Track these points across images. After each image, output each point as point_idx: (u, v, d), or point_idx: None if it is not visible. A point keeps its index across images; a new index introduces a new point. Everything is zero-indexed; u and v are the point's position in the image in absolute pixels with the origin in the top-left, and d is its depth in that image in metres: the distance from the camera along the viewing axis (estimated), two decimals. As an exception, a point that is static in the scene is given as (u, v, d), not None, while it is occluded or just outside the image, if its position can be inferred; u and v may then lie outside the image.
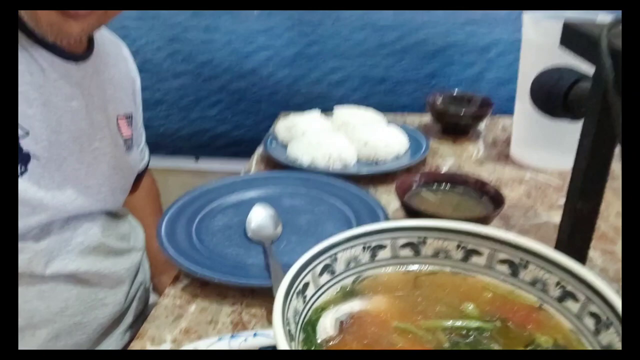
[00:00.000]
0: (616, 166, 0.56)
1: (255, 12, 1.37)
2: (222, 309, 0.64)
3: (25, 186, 0.67)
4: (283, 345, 0.36)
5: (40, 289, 0.72)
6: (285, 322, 0.39)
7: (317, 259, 0.46)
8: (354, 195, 0.86)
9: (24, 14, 0.63)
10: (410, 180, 0.81)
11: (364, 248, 0.49)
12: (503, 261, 0.48)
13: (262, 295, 0.66)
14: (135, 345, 0.58)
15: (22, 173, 0.67)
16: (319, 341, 0.42)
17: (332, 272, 0.47)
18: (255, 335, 0.54)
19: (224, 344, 0.54)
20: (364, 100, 1.24)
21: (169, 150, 1.54)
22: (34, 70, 0.67)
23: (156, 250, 1.02)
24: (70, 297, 0.75)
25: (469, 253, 0.50)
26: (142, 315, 0.91)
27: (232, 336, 0.54)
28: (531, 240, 0.47)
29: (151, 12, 1.40)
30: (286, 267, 0.66)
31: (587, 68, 0.61)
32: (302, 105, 1.18)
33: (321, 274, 0.46)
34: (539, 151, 1.05)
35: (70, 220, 0.74)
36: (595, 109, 0.57)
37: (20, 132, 0.65)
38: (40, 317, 0.72)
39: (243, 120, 1.49)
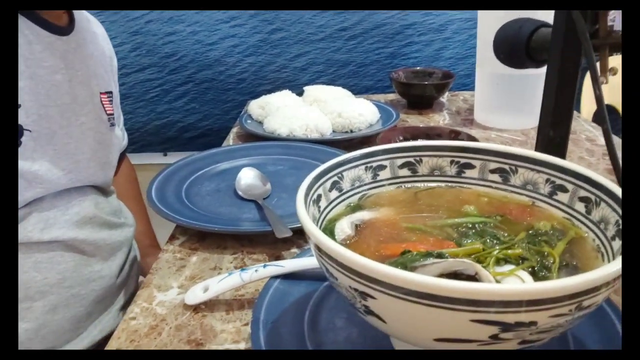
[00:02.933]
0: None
1: None
2: (224, 257, 0.65)
3: (19, 162, 0.67)
4: (310, 226, 0.37)
5: (37, 260, 0.71)
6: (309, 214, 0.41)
7: (326, 175, 0.49)
8: (336, 156, 0.89)
9: None
10: (390, 135, 0.84)
11: (366, 168, 0.52)
12: (494, 170, 0.52)
13: (262, 244, 0.68)
14: (143, 294, 0.59)
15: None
16: (338, 241, 0.44)
17: (340, 190, 0.50)
18: (265, 266, 0.56)
19: (235, 277, 0.55)
20: (330, 84, 1.27)
21: (137, 147, 1.52)
22: (21, 42, 0.68)
23: (139, 233, 1.03)
24: (67, 269, 0.74)
25: (462, 167, 0.53)
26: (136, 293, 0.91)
27: (242, 269, 0.56)
28: (518, 148, 0.51)
29: (112, 5, 1.39)
30: (282, 218, 0.68)
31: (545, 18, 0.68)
32: (270, 92, 1.21)
33: (331, 189, 0.49)
34: (501, 114, 1.11)
35: (63, 193, 0.74)
36: (559, 37, 0.63)
37: None
38: (36, 289, 0.71)
39: (211, 109, 1.50)
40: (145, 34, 1.43)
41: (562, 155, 0.67)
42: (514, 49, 0.75)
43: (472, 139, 0.81)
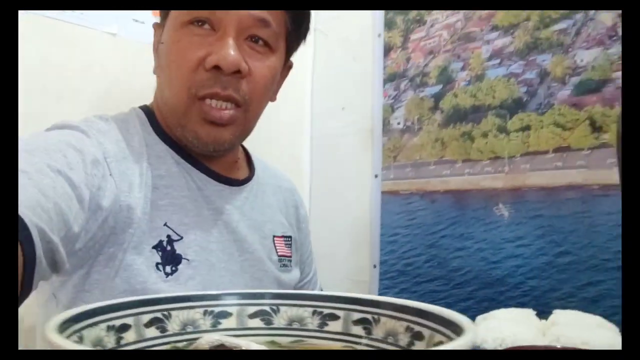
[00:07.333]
0: None
1: (505, 218, 1.31)
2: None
3: (172, 286, 0.72)
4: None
5: None
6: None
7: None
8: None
9: (187, 135, 0.77)
10: None
11: (205, 312, 0.46)
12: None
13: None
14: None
15: (172, 272, 0.74)
16: None
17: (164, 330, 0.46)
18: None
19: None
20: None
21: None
22: (192, 186, 0.80)
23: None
24: None
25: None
26: None
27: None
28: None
29: (416, 221, 1.52)
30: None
31: None
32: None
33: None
34: None
35: None
36: None
37: (175, 236, 0.75)
38: None
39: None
40: (439, 247, 1.47)
41: None
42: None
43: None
